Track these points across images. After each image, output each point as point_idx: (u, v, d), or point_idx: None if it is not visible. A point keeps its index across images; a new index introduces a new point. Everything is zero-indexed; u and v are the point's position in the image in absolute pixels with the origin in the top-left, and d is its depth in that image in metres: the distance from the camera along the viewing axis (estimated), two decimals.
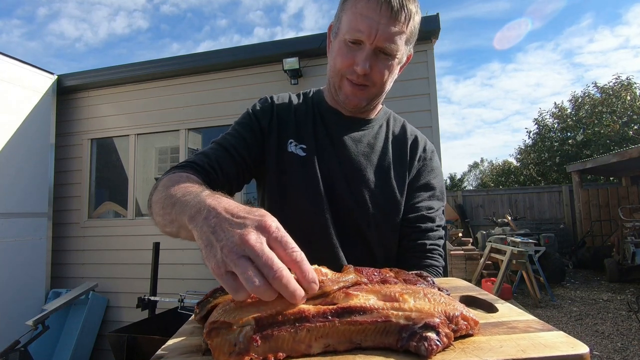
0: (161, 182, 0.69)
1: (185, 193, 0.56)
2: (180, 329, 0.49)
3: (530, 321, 0.45)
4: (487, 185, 20.96)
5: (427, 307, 0.41)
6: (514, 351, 0.36)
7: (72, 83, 4.16)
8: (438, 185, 0.92)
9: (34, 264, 3.75)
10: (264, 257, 0.38)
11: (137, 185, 4.11)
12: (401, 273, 0.55)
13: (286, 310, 0.39)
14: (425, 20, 3.99)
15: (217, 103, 3.87)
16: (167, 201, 0.59)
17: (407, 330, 0.39)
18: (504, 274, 5.12)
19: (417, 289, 0.45)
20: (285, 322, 0.38)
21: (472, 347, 0.38)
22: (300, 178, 0.84)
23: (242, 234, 0.39)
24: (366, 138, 0.89)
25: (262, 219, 0.42)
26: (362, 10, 0.73)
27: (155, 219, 0.65)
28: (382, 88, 0.82)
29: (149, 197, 0.72)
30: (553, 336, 0.40)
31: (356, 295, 0.42)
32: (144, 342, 2.49)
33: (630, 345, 3.65)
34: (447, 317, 0.40)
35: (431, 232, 0.86)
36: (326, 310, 0.39)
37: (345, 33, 0.77)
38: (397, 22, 0.73)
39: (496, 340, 0.40)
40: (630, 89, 13.50)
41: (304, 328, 0.38)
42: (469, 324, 0.41)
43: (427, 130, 3.25)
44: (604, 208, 8.64)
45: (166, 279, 3.61)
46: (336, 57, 0.80)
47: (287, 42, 3.68)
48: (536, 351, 0.36)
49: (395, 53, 0.77)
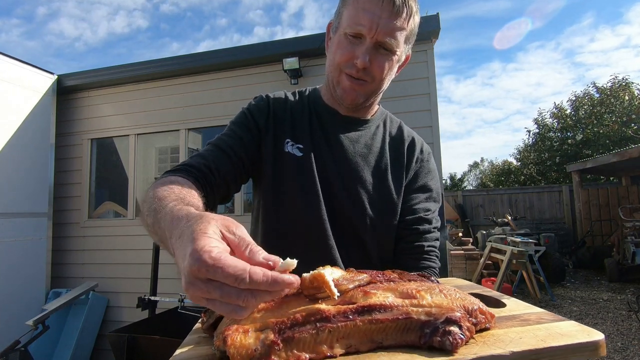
0: (154, 185, 0.68)
1: (173, 200, 0.55)
2: (185, 340, 0.48)
3: (540, 313, 0.46)
4: (487, 185, 20.96)
5: (445, 302, 0.41)
6: (534, 341, 0.37)
7: (72, 83, 4.15)
8: (435, 187, 0.92)
9: (34, 264, 3.75)
10: (217, 266, 0.33)
11: (137, 185, 4.11)
12: (404, 274, 0.55)
13: (303, 311, 0.38)
14: (425, 20, 3.95)
15: (217, 103, 3.87)
16: (151, 211, 0.57)
17: (429, 326, 0.38)
18: (504, 274, 5.12)
19: (432, 285, 0.45)
20: (305, 323, 0.38)
21: (493, 340, 0.39)
22: (297, 178, 0.84)
23: (188, 256, 0.35)
24: (363, 138, 0.89)
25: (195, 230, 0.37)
26: (363, 4, 0.74)
27: (143, 223, 0.64)
28: (380, 84, 0.81)
29: (144, 199, 0.69)
30: (567, 325, 0.41)
31: (374, 294, 0.42)
32: (144, 342, 2.49)
33: (631, 345, 3.65)
34: (467, 311, 0.41)
35: (428, 234, 0.86)
36: (347, 309, 0.39)
37: (346, 27, 0.77)
38: (399, 17, 0.74)
39: (514, 332, 0.40)
40: (628, 89, 13.50)
41: (326, 329, 0.37)
42: (487, 318, 0.42)
43: (427, 130, 3.25)
44: (604, 208, 8.64)
45: (166, 279, 3.61)
46: (336, 51, 0.80)
47: (287, 42, 3.68)
48: (555, 340, 0.37)
49: (396, 49, 0.77)
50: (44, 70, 4.00)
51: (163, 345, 2.47)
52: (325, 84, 0.91)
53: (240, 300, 0.34)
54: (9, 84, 3.63)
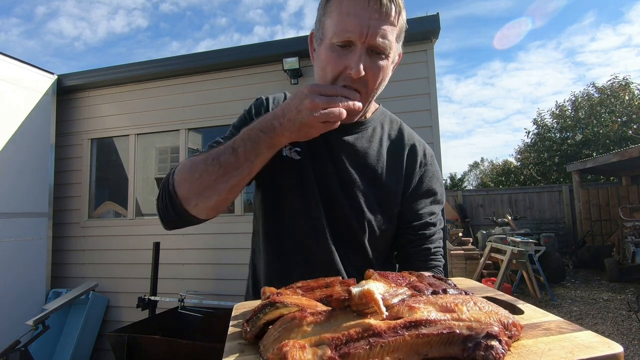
0: (182, 164, 0.75)
1: (232, 142, 0.71)
2: (227, 347, 0.49)
3: (558, 322, 0.49)
4: (487, 185, 20.95)
5: (483, 317, 0.44)
6: (563, 353, 0.40)
7: (72, 83, 4.15)
8: (439, 189, 0.93)
9: (34, 264, 3.75)
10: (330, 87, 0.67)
11: (137, 185, 4.11)
12: (422, 276, 0.58)
13: (356, 326, 0.41)
14: (425, 20, 3.94)
15: (217, 103, 3.87)
16: (222, 157, 0.70)
17: (471, 340, 0.41)
18: (504, 274, 5.12)
19: (466, 298, 0.48)
20: (359, 339, 0.40)
21: (526, 352, 0.42)
22: (296, 182, 0.84)
23: (305, 93, 0.65)
24: (359, 142, 0.89)
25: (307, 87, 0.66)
26: (348, 8, 0.69)
27: (197, 186, 0.71)
28: (376, 90, 0.79)
29: (168, 180, 0.75)
30: (587, 336, 0.44)
31: (419, 309, 0.44)
32: (145, 342, 2.49)
33: (631, 345, 3.65)
34: (503, 325, 0.44)
35: (434, 236, 0.88)
36: (396, 325, 0.41)
37: (332, 36, 0.71)
38: (388, 16, 0.70)
39: (542, 344, 0.43)
40: (627, 89, 13.50)
41: (378, 344, 0.40)
42: (518, 330, 0.44)
43: (427, 130, 3.25)
44: (604, 208, 8.64)
45: (166, 279, 3.61)
46: (325, 66, 0.74)
47: (287, 41, 3.68)
48: (582, 352, 0.40)
49: (389, 51, 0.73)
50: (43, 70, 4.00)
51: (163, 345, 2.47)
52: None
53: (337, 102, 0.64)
54: (8, 83, 3.63)
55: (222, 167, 0.68)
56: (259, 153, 0.69)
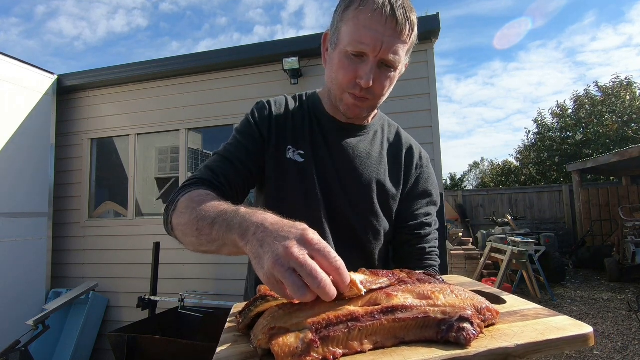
0: (180, 202, 0.70)
1: (220, 212, 0.59)
2: (222, 339, 0.52)
3: (537, 309, 0.52)
4: (487, 185, 20.95)
5: (458, 302, 0.47)
6: (534, 334, 0.43)
7: (72, 83, 4.15)
8: (434, 191, 0.96)
9: (34, 264, 3.75)
10: (307, 268, 0.42)
11: (137, 185, 4.11)
12: (412, 273, 0.60)
13: (336, 313, 0.43)
14: (425, 20, 3.94)
15: (217, 103, 3.87)
16: (201, 223, 0.61)
17: (445, 324, 0.44)
18: (504, 274, 5.12)
19: (444, 287, 0.50)
20: (339, 323, 0.42)
21: (499, 334, 0.44)
22: (299, 184, 0.85)
23: (286, 246, 0.43)
24: (362, 145, 0.90)
25: (303, 232, 0.46)
26: (365, 22, 0.71)
27: (185, 239, 0.68)
28: (382, 99, 0.83)
29: (167, 217, 0.74)
30: (561, 320, 0.47)
31: (395, 296, 0.47)
32: (145, 342, 2.49)
33: (631, 345, 3.65)
34: (476, 309, 0.46)
35: (429, 236, 0.91)
36: (373, 310, 0.44)
37: (347, 44, 0.75)
38: (402, 34, 0.73)
39: (516, 327, 0.46)
40: (629, 89, 13.50)
41: (356, 328, 0.42)
42: (493, 315, 0.47)
43: (427, 130, 3.24)
44: (604, 207, 8.64)
45: (166, 279, 3.61)
46: (338, 71, 0.78)
47: (287, 41, 3.68)
48: (553, 333, 0.43)
49: (398, 65, 0.77)
50: (44, 70, 4.00)
51: (163, 345, 2.48)
52: (325, 90, 0.92)
53: (306, 295, 0.42)
54: (8, 83, 3.63)
55: (199, 232, 0.62)
56: (225, 244, 0.58)
